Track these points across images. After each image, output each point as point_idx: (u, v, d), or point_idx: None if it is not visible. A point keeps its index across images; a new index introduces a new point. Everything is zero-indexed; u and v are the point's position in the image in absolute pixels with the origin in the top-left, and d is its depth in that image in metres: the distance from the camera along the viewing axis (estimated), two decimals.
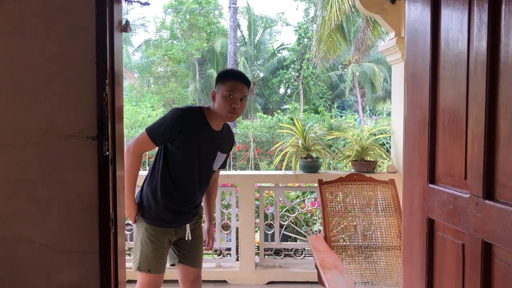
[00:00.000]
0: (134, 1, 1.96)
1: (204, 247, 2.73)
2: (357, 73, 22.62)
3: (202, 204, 2.71)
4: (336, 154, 4.37)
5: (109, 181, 1.80)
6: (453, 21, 1.52)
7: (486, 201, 1.35)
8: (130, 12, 23.30)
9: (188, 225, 2.54)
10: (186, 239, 2.54)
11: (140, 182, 2.54)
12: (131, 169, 2.39)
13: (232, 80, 2.35)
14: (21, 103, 1.81)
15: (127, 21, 1.99)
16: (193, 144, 2.37)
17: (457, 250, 1.51)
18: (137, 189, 2.59)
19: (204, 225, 2.77)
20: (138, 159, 2.42)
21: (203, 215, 2.75)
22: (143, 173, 2.70)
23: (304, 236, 4.05)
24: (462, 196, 1.47)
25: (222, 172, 3.03)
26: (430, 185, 1.65)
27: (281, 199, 4.01)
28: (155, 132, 2.36)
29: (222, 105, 2.33)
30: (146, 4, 1.98)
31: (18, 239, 1.83)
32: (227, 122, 2.54)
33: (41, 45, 1.80)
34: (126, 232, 3.81)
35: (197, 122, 2.39)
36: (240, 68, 22.07)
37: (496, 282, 1.34)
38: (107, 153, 1.79)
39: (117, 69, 1.90)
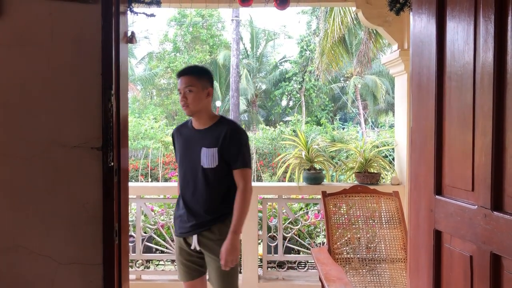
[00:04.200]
0: (140, 13, 1.97)
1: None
2: (359, 86, 22.68)
3: None
4: (340, 166, 4.37)
5: (113, 192, 1.79)
6: (458, 32, 1.52)
7: (494, 212, 1.34)
8: (133, 25, 23.48)
9: (194, 236, 2.49)
10: (192, 248, 2.51)
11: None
12: None
13: (177, 78, 2.53)
14: (27, 113, 1.81)
15: (132, 33, 2.00)
16: (178, 148, 2.63)
17: (465, 262, 1.49)
18: None
19: None
20: None
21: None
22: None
23: (308, 249, 4.02)
24: (469, 208, 1.45)
25: None
26: (436, 196, 1.64)
27: (284, 211, 3.99)
28: None
29: (180, 103, 2.53)
30: (152, 15, 2.00)
31: (22, 250, 1.81)
32: (229, 118, 2.63)
33: (47, 56, 1.81)
34: (129, 244, 3.80)
35: (182, 127, 2.66)
36: (243, 80, 22.14)
37: None
38: (112, 163, 1.79)
39: (123, 80, 1.90)
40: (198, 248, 2.49)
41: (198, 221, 2.48)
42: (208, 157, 2.45)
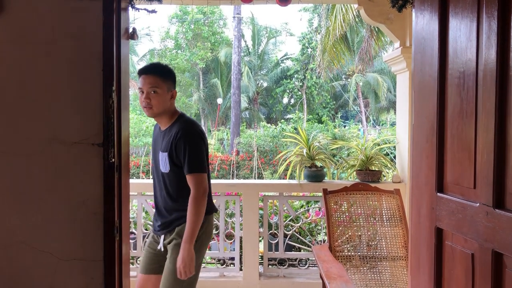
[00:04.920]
0: (141, 9, 1.96)
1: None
2: (361, 83, 22.65)
3: None
4: (341, 163, 4.36)
5: (114, 188, 1.79)
6: (461, 28, 1.51)
7: (496, 210, 1.33)
8: (135, 22, 23.48)
9: (162, 236, 2.45)
10: (158, 248, 2.46)
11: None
12: None
13: (140, 75, 2.36)
14: (28, 110, 1.81)
15: (134, 29, 1.99)
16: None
17: (466, 260, 1.49)
18: None
19: None
20: None
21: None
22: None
23: (308, 246, 4.02)
24: (471, 205, 1.45)
25: (226, 181, 2.97)
26: (438, 194, 1.63)
27: (285, 208, 3.99)
28: None
29: (140, 102, 2.38)
30: (153, 11, 1.99)
31: (23, 246, 1.82)
32: (185, 117, 2.45)
33: (48, 53, 1.80)
34: (130, 241, 3.80)
35: (155, 127, 2.57)
36: (244, 78, 22.11)
37: None
38: (113, 160, 1.79)
39: (124, 77, 1.90)
40: (163, 249, 2.44)
41: (163, 221, 2.46)
42: (162, 161, 2.39)
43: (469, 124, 1.47)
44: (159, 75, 2.33)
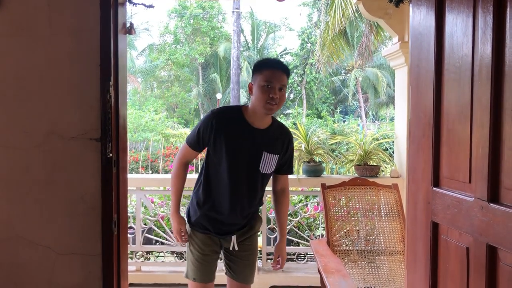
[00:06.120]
0: (139, 4, 1.96)
1: (273, 266, 2.52)
2: (360, 78, 22.63)
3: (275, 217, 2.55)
4: (339, 158, 4.37)
5: (112, 183, 1.80)
6: (457, 24, 1.51)
7: (491, 204, 1.34)
8: (134, 17, 23.42)
9: (234, 236, 2.35)
10: (231, 249, 2.37)
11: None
12: (175, 179, 2.36)
13: (270, 69, 2.17)
14: (26, 104, 1.81)
15: (131, 24, 1.99)
16: (227, 145, 2.21)
17: (461, 254, 1.50)
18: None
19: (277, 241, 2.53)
20: (181, 168, 2.36)
21: (256, 226, 2.49)
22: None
23: (307, 241, 4.03)
24: (466, 200, 1.46)
25: None
26: (434, 188, 1.64)
27: None
28: (190, 138, 2.29)
29: (260, 96, 2.15)
30: (151, 6, 1.99)
31: (21, 240, 1.83)
32: (280, 122, 2.42)
33: (46, 47, 1.81)
34: (129, 235, 3.81)
35: (230, 120, 2.24)
36: (244, 73, 22.09)
37: (501, 286, 1.33)
38: (111, 155, 1.79)
39: (121, 71, 1.90)
40: (236, 247, 2.36)
41: (243, 222, 2.38)
42: (268, 163, 2.28)
43: (464, 119, 1.48)
44: (287, 75, 2.24)
